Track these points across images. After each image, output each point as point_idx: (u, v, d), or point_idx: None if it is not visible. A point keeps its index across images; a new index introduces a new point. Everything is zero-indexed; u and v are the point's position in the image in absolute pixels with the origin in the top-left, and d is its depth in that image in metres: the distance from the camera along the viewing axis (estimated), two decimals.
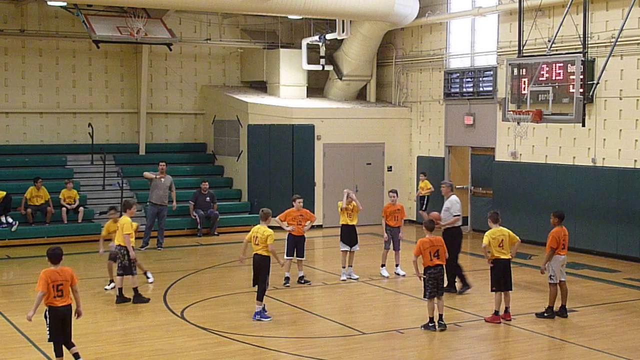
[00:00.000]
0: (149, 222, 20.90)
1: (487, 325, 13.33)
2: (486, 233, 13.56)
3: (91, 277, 17.31)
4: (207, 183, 23.21)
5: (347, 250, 16.84)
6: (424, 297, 13.05)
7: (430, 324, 12.95)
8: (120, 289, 14.75)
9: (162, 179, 20.86)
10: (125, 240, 14.67)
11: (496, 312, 13.49)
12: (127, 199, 16.15)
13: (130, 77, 25.51)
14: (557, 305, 13.81)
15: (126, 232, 14.69)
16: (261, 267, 13.55)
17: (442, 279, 13.05)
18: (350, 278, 16.85)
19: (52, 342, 10.41)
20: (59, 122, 24.76)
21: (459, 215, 15.62)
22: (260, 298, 13.61)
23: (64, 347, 10.45)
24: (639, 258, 18.67)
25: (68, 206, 21.81)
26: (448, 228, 15.47)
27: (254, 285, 13.69)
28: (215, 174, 25.61)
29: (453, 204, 15.67)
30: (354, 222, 16.87)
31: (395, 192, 17.65)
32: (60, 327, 10.33)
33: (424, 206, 23.20)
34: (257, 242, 13.53)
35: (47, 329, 10.34)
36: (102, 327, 13.13)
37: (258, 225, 13.70)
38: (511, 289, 13.65)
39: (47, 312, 10.32)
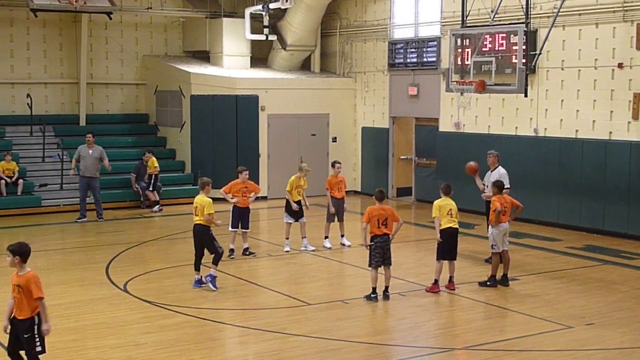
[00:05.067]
0: (81, 194, 20.57)
1: (431, 295, 13.42)
2: (434, 204, 13.63)
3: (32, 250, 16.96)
4: (149, 154, 22.91)
5: (291, 222, 16.80)
6: (369, 266, 13.06)
7: (372, 295, 12.94)
8: None
9: (90, 150, 20.48)
10: None
11: (436, 281, 13.56)
12: None
13: (69, 46, 24.97)
14: (499, 274, 13.96)
15: None
16: (204, 237, 13.56)
17: (388, 249, 13.04)
18: (307, 250, 16.79)
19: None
20: None
21: (509, 188, 15.52)
22: (216, 262, 13.64)
23: None
24: (580, 227, 18.97)
25: (7, 179, 21.36)
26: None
27: (196, 256, 13.76)
28: (157, 145, 25.28)
29: (504, 177, 15.55)
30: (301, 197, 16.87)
31: (340, 163, 17.66)
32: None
33: (151, 185, 22.20)
34: (196, 213, 13.56)
35: (38, 340, 8.89)
36: None
37: (198, 196, 13.71)
38: (455, 259, 13.73)
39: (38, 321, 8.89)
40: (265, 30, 24.86)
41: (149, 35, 26.15)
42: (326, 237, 17.28)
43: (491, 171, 15.94)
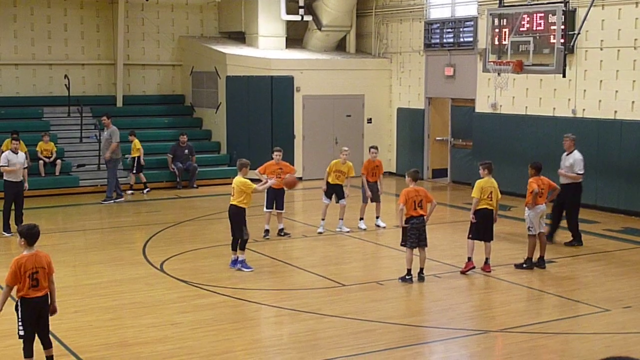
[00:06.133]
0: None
1: (466, 277, 13.37)
2: (477, 184, 13.56)
3: (70, 229, 17.20)
4: (185, 136, 23.00)
5: (327, 203, 16.82)
6: (404, 245, 13.01)
7: (407, 276, 12.93)
8: None
9: (106, 132, 20.69)
10: None
11: (469, 259, 13.49)
12: None
13: (106, 28, 25.12)
14: (535, 256, 13.87)
15: None
16: (236, 219, 13.62)
17: (424, 230, 13.01)
18: (341, 231, 16.79)
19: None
20: (35, 73, 24.40)
21: (583, 174, 15.45)
22: (242, 248, 13.68)
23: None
24: (618, 209, 18.76)
25: (45, 159, 21.61)
26: (570, 184, 15.30)
27: (232, 236, 13.77)
28: (193, 126, 25.40)
29: (578, 162, 15.43)
30: (341, 182, 16.87)
31: (376, 148, 17.59)
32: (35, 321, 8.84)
33: (134, 168, 21.87)
34: (233, 194, 13.60)
35: (20, 324, 8.82)
36: (81, 280, 13.05)
37: (236, 177, 13.77)
38: (491, 239, 13.65)
39: (19, 305, 8.77)
40: (301, 11, 24.82)
41: (185, 16, 26.19)
42: (361, 219, 17.27)
43: (567, 154, 15.75)
